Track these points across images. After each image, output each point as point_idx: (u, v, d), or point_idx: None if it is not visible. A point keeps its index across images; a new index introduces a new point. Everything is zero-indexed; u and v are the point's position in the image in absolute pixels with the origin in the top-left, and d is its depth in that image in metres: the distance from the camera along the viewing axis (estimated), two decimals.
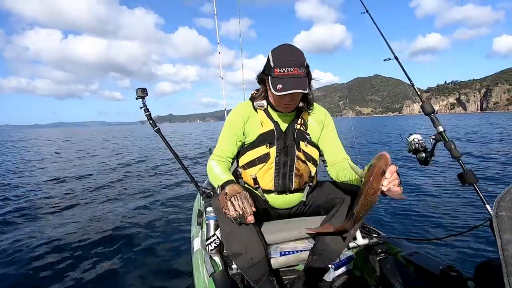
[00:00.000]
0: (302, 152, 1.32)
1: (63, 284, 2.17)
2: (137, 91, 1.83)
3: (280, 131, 1.30)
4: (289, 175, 1.32)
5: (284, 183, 1.33)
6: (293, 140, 1.30)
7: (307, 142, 1.33)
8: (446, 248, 2.43)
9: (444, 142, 1.36)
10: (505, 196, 0.44)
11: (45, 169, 7.96)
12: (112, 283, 2.20)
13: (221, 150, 1.35)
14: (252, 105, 1.34)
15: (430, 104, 1.45)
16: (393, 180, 0.95)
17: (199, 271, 1.38)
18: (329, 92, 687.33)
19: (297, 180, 1.33)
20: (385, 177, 0.94)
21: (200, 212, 1.72)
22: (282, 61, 1.13)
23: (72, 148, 13.87)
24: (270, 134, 1.29)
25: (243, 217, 1.05)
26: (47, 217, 3.75)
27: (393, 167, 0.95)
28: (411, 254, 1.33)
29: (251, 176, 1.32)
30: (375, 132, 17.93)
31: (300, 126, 1.33)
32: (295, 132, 1.31)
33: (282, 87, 1.11)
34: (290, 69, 1.12)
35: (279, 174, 1.31)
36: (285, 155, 1.30)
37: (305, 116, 1.36)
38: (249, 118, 1.33)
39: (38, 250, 2.72)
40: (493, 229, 0.46)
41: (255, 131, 1.31)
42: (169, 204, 4.15)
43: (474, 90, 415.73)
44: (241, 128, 1.33)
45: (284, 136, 1.30)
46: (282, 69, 1.12)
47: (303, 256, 1.36)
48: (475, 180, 1.27)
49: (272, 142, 1.29)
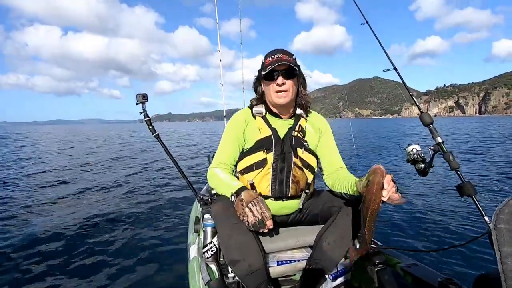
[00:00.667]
0: (299, 159, 1.33)
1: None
2: (138, 96, 1.83)
3: (277, 137, 1.32)
4: (286, 181, 1.32)
5: (281, 189, 1.33)
6: (290, 147, 1.32)
7: (304, 149, 1.35)
8: (445, 260, 2.41)
9: (443, 153, 1.37)
10: (504, 209, 0.44)
11: (40, 170, 7.90)
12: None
13: (224, 157, 1.35)
14: (251, 113, 1.37)
15: (429, 114, 1.45)
16: (390, 189, 0.98)
17: (195, 279, 1.36)
18: (329, 93, 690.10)
19: (293, 186, 1.33)
20: (384, 188, 0.97)
21: (198, 219, 1.71)
22: (271, 53, 1.28)
23: (77, 148, 13.80)
24: (267, 140, 1.31)
25: (263, 222, 1.06)
26: (38, 219, 3.71)
27: (388, 177, 0.98)
28: (409, 266, 1.32)
29: (249, 182, 1.32)
30: (374, 137, 17.89)
31: (297, 133, 1.35)
32: (293, 139, 1.33)
33: (271, 66, 1.21)
34: (279, 55, 1.25)
35: (276, 180, 1.31)
36: (282, 161, 1.31)
37: (302, 123, 1.38)
38: (248, 124, 1.36)
39: (29, 253, 2.69)
40: (492, 241, 0.46)
41: (253, 137, 1.33)
42: (166, 211, 4.11)
43: (473, 94, 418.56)
44: (242, 134, 1.35)
45: (281, 143, 1.32)
46: (271, 57, 1.26)
47: (300, 265, 1.34)
48: (473, 191, 1.27)
49: (269, 148, 1.31)
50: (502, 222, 0.43)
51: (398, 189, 1.00)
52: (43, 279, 2.30)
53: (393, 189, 0.98)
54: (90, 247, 2.87)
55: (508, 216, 0.43)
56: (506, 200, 0.45)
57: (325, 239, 1.25)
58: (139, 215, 3.91)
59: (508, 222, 0.43)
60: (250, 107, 1.40)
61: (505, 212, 0.43)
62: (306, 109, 1.40)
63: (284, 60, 1.21)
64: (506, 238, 0.43)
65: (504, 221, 0.43)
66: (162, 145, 1.92)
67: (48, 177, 6.91)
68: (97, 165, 8.96)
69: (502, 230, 0.43)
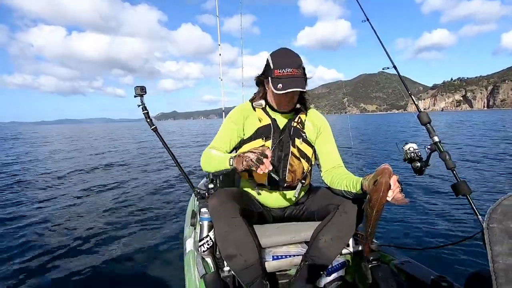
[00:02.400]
0: (297, 149, 1.35)
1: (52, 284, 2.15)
2: (136, 89, 1.82)
3: (277, 126, 1.35)
4: (282, 169, 1.34)
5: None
6: (288, 136, 1.34)
7: (302, 139, 1.37)
8: (438, 258, 2.44)
9: (439, 153, 1.37)
10: (497, 208, 0.44)
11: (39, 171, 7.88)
12: (101, 282, 2.17)
13: (219, 143, 1.37)
14: (252, 106, 1.39)
15: (427, 114, 1.46)
16: (396, 189, 0.98)
17: (191, 272, 1.37)
18: (333, 89, 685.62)
19: (290, 176, 1.35)
20: (391, 189, 0.97)
21: (194, 213, 1.71)
22: (281, 62, 1.22)
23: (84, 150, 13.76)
24: (267, 128, 1.34)
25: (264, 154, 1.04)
26: (35, 219, 3.71)
27: (395, 177, 0.98)
28: (403, 263, 1.33)
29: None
30: (378, 133, 17.79)
31: (296, 124, 1.37)
32: (292, 129, 1.35)
33: (282, 86, 1.18)
34: (289, 69, 1.20)
35: (273, 168, 1.32)
36: (280, 150, 1.34)
37: (302, 117, 1.40)
38: (248, 116, 1.38)
39: (28, 250, 2.69)
40: (484, 240, 0.46)
41: (253, 127, 1.36)
42: (163, 204, 4.12)
43: (481, 87, 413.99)
44: (241, 124, 1.37)
45: (280, 132, 1.35)
46: (282, 70, 1.20)
47: (295, 260, 1.35)
48: (468, 191, 1.28)
49: (268, 136, 1.33)
50: (494, 222, 0.44)
51: (402, 190, 1.00)
52: (32, 269, 2.31)
53: (397, 189, 0.98)
54: (84, 239, 2.88)
55: (501, 215, 0.43)
56: (499, 200, 0.45)
57: (321, 236, 1.25)
58: (135, 208, 3.91)
59: (501, 221, 0.43)
60: (250, 100, 1.42)
61: (497, 212, 0.44)
62: (306, 105, 1.41)
63: (297, 85, 1.17)
64: (498, 238, 0.43)
65: (496, 221, 0.44)
66: (160, 138, 1.91)
67: (59, 174, 6.90)
68: (96, 159, 8.95)
69: (494, 230, 0.44)
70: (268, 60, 1.27)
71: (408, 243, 2.80)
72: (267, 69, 1.27)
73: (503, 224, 0.43)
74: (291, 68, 1.20)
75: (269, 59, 1.26)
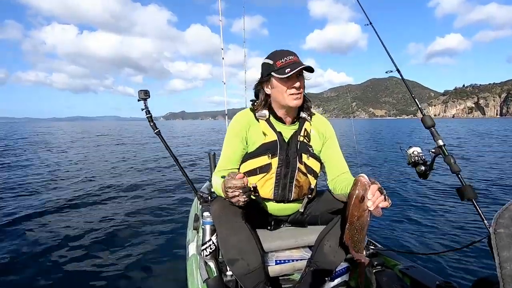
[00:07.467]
0: (304, 165, 1.31)
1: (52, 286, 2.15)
2: (139, 93, 1.83)
3: (283, 141, 1.30)
4: (289, 186, 1.31)
5: (284, 193, 1.32)
6: (295, 152, 1.30)
7: (309, 154, 1.33)
8: (443, 263, 2.40)
9: (444, 156, 1.36)
10: (504, 213, 0.44)
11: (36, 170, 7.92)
12: (103, 286, 2.17)
13: (226, 163, 1.32)
14: (254, 116, 1.33)
15: (430, 117, 1.45)
16: (376, 199, 0.94)
17: (193, 276, 1.36)
18: (342, 92, 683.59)
19: (296, 191, 1.33)
20: (368, 199, 0.94)
21: (197, 216, 1.71)
22: (281, 55, 1.22)
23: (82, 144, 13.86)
24: (273, 144, 1.29)
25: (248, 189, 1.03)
26: (34, 221, 3.72)
27: (374, 186, 0.94)
28: (408, 268, 1.32)
29: (251, 185, 1.30)
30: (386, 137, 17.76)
31: (303, 138, 1.33)
32: (298, 144, 1.31)
33: (290, 69, 1.15)
34: (291, 57, 1.20)
35: (279, 184, 1.30)
36: (287, 166, 1.29)
37: (307, 127, 1.36)
38: (250, 126, 1.32)
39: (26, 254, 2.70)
40: (491, 246, 0.45)
41: (257, 141, 1.30)
42: (165, 208, 4.11)
43: (494, 95, 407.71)
44: (244, 137, 1.31)
45: (286, 148, 1.30)
46: (284, 59, 1.20)
47: (298, 265, 1.34)
48: (474, 195, 1.26)
49: (274, 153, 1.28)
50: (501, 227, 0.43)
51: (385, 198, 0.96)
52: (34, 273, 2.31)
53: (380, 199, 0.94)
54: (86, 242, 2.88)
55: (508, 221, 0.43)
56: (506, 205, 0.45)
57: (326, 241, 1.23)
58: (138, 211, 3.91)
59: (508, 227, 0.42)
60: (251, 110, 1.35)
61: (505, 217, 0.43)
62: (309, 110, 1.38)
63: (302, 63, 1.18)
64: (505, 243, 0.42)
65: (503, 226, 0.43)
66: (163, 142, 1.92)
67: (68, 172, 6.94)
68: (102, 159, 8.99)
69: (501, 235, 0.43)
70: (265, 63, 1.25)
71: (413, 248, 2.76)
72: (267, 70, 1.24)
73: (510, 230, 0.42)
74: (292, 56, 1.21)
75: (266, 60, 1.25)
